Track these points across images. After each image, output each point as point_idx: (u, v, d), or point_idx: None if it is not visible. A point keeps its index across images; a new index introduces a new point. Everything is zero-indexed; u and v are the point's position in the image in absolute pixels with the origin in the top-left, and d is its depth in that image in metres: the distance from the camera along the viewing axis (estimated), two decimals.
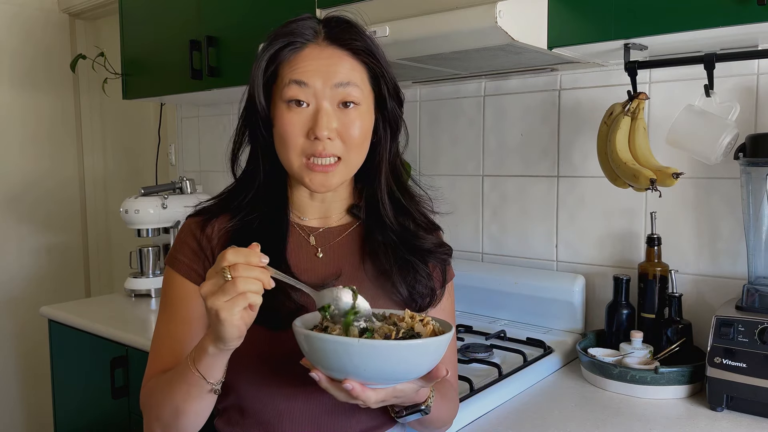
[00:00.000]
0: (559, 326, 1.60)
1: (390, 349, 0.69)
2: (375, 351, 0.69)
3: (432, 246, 0.97)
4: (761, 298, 1.20)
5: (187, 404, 0.83)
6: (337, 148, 0.89)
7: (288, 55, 0.90)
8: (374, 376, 0.71)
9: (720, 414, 1.17)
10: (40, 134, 2.91)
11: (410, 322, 0.78)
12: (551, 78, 1.64)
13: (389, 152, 0.98)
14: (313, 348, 0.72)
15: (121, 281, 2.43)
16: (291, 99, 0.88)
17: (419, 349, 0.71)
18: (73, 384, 2.03)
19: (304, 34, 0.90)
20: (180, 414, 0.85)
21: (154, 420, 0.89)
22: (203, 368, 0.80)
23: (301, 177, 0.91)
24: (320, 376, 0.75)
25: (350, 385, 0.72)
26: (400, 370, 0.72)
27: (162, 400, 0.86)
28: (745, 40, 1.20)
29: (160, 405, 0.87)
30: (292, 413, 0.91)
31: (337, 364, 0.71)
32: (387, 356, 0.69)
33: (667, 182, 1.26)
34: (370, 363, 0.69)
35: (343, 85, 0.88)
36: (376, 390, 0.74)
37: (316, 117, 0.88)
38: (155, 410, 0.88)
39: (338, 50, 0.90)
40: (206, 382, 0.80)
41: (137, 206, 2.16)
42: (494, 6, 1.11)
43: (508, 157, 1.74)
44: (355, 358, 0.69)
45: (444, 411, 0.94)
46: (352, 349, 0.69)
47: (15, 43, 2.80)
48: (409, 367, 0.72)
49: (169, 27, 2.11)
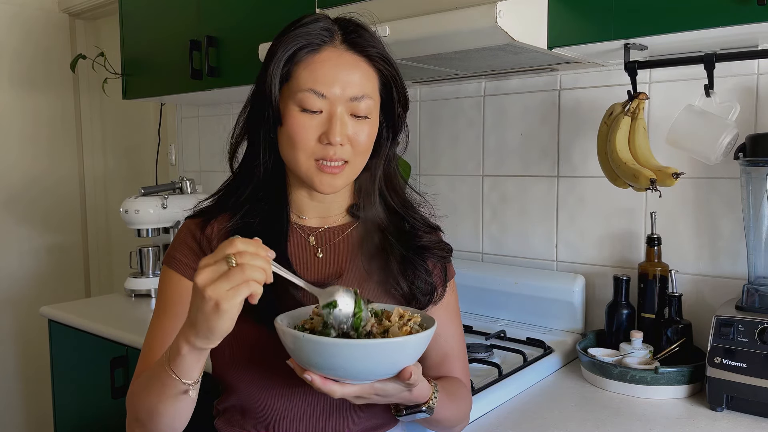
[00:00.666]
0: (559, 326, 1.60)
1: (332, 347, 0.70)
2: (327, 348, 0.71)
3: (429, 243, 0.97)
4: (761, 298, 1.20)
5: (162, 405, 0.81)
6: (347, 153, 0.89)
7: (304, 56, 0.89)
8: (329, 371, 0.73)
9: (720, 414, 1.17)
10: (40, 134, 2.91)
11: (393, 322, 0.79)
12: (551, 78, 1.64)
13: (387, 154, 0.98)
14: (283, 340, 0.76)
15: (121, 281, 2.43)
16: (306, 107, 0.87)
17: (373, 350, 0.72)
18: (73, 384, 2.03)
19: (321, 35, 0.89)
20: (154, 414, 0.83)
21: (133, 420, 0.88)
22: (178, 368, 0.77)
23: (309, 178, 0.90)
24: (293, 364, 0.77)
25: (309, 377, 0.75)
26: (358, 369, 0.73)
27: (139, 400, 0.85)
28: (745, 40, 1.20)
29: (138, 405, 0.85)
30: (293, 413, 0.91)
31: (296, 355, 0.74)
32: (338, 353, 0.71)
33: (667, 182, 1.26)
34: (321, 358, 0.72)
35: (357, 99, 0.88)
36: (343, 385, 0.75)
37: (330, 122, 0.88)
38: (134, 410, 0.87)
39: (355, 56, 0.90)
40: (181, 383, 0.78)
41: (137, 206, 2.16)
42: (494, 6, 1.11)
43: (508, 157, 1.74)
44: (306, 351, 0.72)
45: (452, 411, 0.93)
46: (300, 343, 0.71)
47: (15, 43, 2.80)
48: (366, 365, 0.73)
49: (169, 27, 2.11)
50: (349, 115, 0.89)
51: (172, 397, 0.80)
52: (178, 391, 0.78)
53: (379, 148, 0.96)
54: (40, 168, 2.91)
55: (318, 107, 0.88)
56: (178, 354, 0.75)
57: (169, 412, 0.82)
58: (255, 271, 0.69)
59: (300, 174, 0.91)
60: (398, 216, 0.99)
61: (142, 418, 0.85)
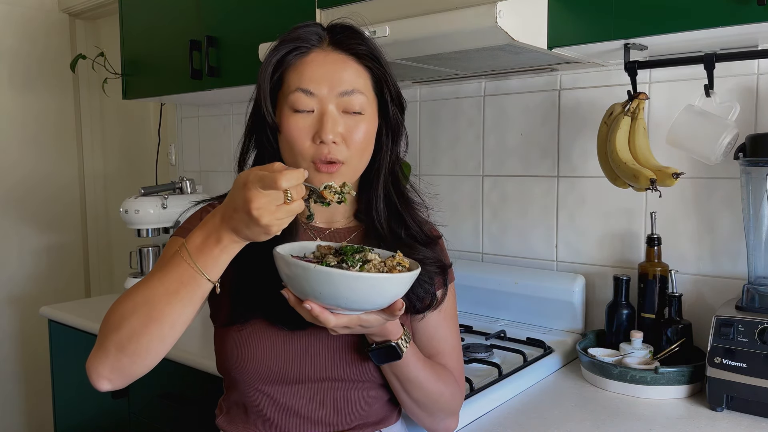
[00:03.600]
0: (559, 326, 1.60)
1: (342, 277, 0.75)
2: (328, 278, 0.75)
3: (424, 257, 0.95)
4: (761, 298, 1.20)
5: (168, 307, 0.76)
6: (342, 153, 0.89)
7: (293, 60, 0.91)
8: (330, 301, 0.77)
9: (720, 414, 1.17)
10: (40, 134, 2.91)
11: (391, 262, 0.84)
12: (551, 78, 1.64)
13: (389, 159, 0.98)
14: (281, 270, 0.80)
15: (121, 281, 2.43)
16: (297, 108, 0.89)
17: (370, 282, 0.77)
18: (73, 384, 2.03)
19: (310, 39, 0.91)
20: (152, 321, 0.77)
21: (112, 332, 0.78)
22: (207, 263, 0.76)
23: (310, 181, 0.90)
24: (288, 294, 0.80)
25: (309, 306, 0.77)
26: (354, 299, 0.77)
27: (131, 308, 0.78)
28: (745, 40, 1.20)
29: (126, 315, 0.78)
30: (296, 409, 0.92)
31: (299, 286, 0.78)
32: (339, 284, 0.75)
33: (667, 182, 1.26)
34: (325, 288, 0.76)
35: (347, 93, 0.89)
36: (337, 315, 0.79)
37: (321, 121, 0.88)
38: (118, 323, 0.78)
39: (342, 55, 0.91)
40: (205, 280, 0.76)
41: (137, 206, 2.16)
42: (494, 6, 1.11)
43: (508, 157, 1.74)
44: (312, 282, 0.76)
45: (427, 377, 0.93)
46: (308, 274, 0.76)
47: (15, 43, 2.80)
48: (362, 297, 0.77)
49: (169, 27, 2.11)
50: (342, 113, 0.89)
51: (185, 298, 0.77)
52: (198, 289, 0.77)
53: (380, 152, 0.96)
54: (40, 168, 2.91)
55: (308, 106, 0.88)
56: (217, 244, 0.76)
57: (171, 318, 0.77)
58: (300, 205, 0.74)
59: None
60: (397, 220, 0.98)
61: (131, 329, 0.77)
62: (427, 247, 0.98)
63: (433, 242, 1.01)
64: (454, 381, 1.00)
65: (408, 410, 0.98)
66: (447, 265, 1.00)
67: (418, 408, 0.96)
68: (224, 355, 0.93)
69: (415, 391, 0.93)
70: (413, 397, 0.94)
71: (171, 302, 0.77)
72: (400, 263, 0.84)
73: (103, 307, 2.07)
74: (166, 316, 0.77)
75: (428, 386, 0.94)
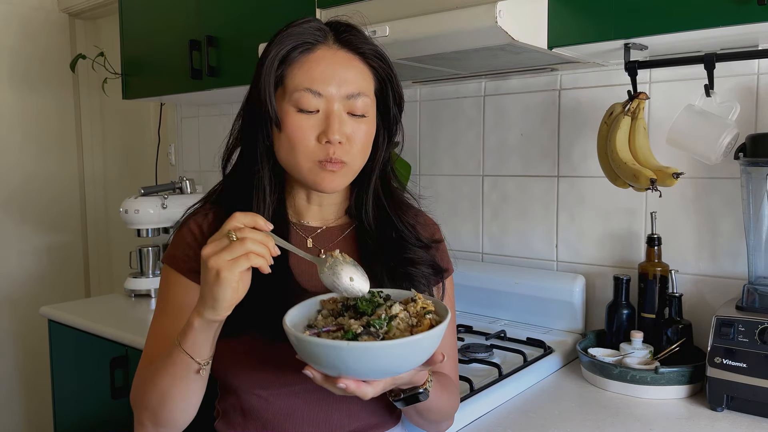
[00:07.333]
0: (559, 326, 1.60)
1: (382, 349, 0.68)
2: (367, 352, 0.68)
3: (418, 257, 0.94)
4: (761, 298, 1.20)
5: (174, 388, 0.82)
6: (345, 153, 0.88)
7: (298, 56, 0.88)
8: (368, 373, 0.72)
9: (720, 414, 1.17)
10: (40, 134, 2.91)
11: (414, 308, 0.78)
12: (551, 78, 1.64)
13: (383, 158, 0.97)
14: (305, 351, 0.72)
15: (121, 281, 2.43)
16: (302, 107, 0.86)
17: (412, 346, 0.70)
18: (73, 384, 2.03)
19: (314, 35, 0.89)
20: (166, 398, 0.83)
21: (143, 410, 0.87)
22: (190, 346, 0.79)
23: (311, 179, 0.89)
24: (314, 373, 0.74)
25: (344, 384, 0.72)
26: (395, 366, 0.72)
27: (150, 387, 0.85)
28: (745, 40, 1.20)
29: (147, 393, 0.86)
30: (293, 413, 0.91)
31: (330, 364, 0.71)
32: (379, 356, 0.69)
33: (667, 182, 1.26)
34: (363, 363, 0.69)
35: (353, 96, 0.88)
36: (372, 384, 0.74)
37: (328, 121, 0.87)
38: (143, 399, 0.87)
39: (349, 54, 0.90)
40: (193, 362, 0.80)
41: (137, 206, 2.16)
42: (494, 6, 1.11)
43: (508, 157, 1.74)
44: (347, 360, 0.69)
45: (443, 401, 0.93)
46: (343, 353, 0.68)
47: (15, 43, 2.80)
48: (403, 362, 0.72)
49: (169, 27, 2.11)
50: (346, 114, 0.88)
51: (184, 377, 0.81)
52: (190, 370, 0.80)
53: (375, 151, 0.95)
54: (40, 168, 2.91)
55: (315, 107, 0.87)
56: (190, 328, 0.78)
57: (181, 395, 0.83)
58: (254, 243, 0.74)
59: (301, 176, 0.90)
60: (390, 222, 0.97)
61: (153, 406, 0.85)
62: (421, 249, 0.96)
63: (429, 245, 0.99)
64: (456, 388, 1.00)
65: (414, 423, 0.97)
66: (442, 268, 0.99)
67: (427, 423, 0.96)
68: (220, 364, 0.92)
69: (431, 415, 0.94)
70: (428, 419, 0.95)
71: (175, 383, 0.83)
72: (424, 307, 0.78)
73: (103, 308, 2.09)
74: (176, 395, 0.84)
75: (442, 408, 0.94)
